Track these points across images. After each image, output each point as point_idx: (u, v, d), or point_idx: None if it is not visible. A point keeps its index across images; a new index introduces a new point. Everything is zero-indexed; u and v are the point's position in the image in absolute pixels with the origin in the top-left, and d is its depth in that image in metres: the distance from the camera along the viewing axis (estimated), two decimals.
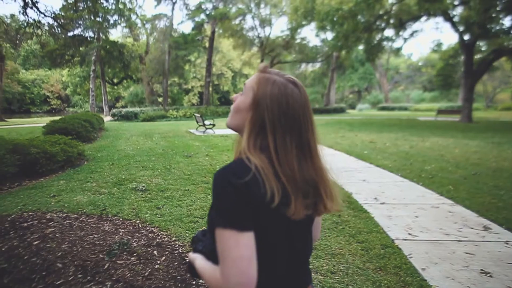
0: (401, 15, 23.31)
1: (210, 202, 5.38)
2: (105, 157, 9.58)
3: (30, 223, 4.30)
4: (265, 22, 35.67)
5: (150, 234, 4.17)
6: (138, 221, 4.59)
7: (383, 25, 24.68)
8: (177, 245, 3.92)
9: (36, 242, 3.71)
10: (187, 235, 4.18)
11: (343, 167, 8.40)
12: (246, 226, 0.93)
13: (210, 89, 39.48)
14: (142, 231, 4.26)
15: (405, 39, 31.14)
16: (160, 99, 39.15)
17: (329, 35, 33.04)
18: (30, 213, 4.73)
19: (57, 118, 15.75)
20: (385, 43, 28.40)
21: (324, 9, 19.11)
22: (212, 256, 1.05)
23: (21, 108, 52.40)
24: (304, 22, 30.77)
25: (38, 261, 3.35)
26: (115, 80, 44.52)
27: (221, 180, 0.95)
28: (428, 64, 57.03)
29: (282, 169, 0.98)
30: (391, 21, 24.38)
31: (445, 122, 23.01)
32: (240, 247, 0.91)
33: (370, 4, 17.10)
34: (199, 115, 16.36)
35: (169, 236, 4.13)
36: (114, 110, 29.21)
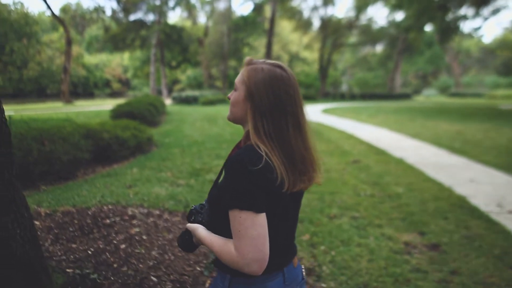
0: None
1: (303, 202, 4.68)
2: (174, 143, 9.23)
3: (113, 220, 3.84)
4: (328, 1, 33.95)
5: None
6: None
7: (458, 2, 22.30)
8: None
9: (123, 246, 3.21)
10: None
11: (436, 162, 7.35)
12: (261, 208, 1.02)
13: None
14: None
15: (485, 18, 28.04)
16: (217, 83, 39.03)
17: (399, 16, 30.74)
18: (110, 207, 4.29)
19: (120, 101, 15.86)
20: (461, 22, 25.79)
21: None
22: (210, 228, 1.19)
23: (85, 91, 54.92)
24: (372, 1, 28.72)
25: (129, 271, 2.83)
26: (173, 64, 45.07)
27: (239, 167, 1.01)
28: (503, 46, 51.84)
29: (283, 151, 1.07)
30: None
31: None
32: (257, 226, 1.00)
33: None
34: None
35: None
36: (174, 94, 29.42)
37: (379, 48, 44.31)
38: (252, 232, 0.99)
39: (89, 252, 3.06)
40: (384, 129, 12.50)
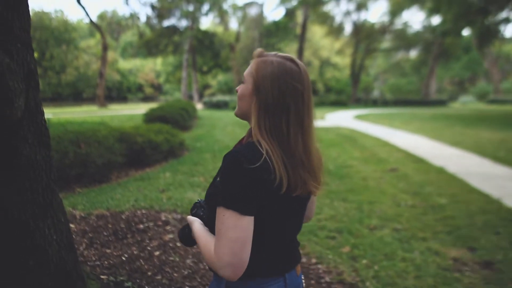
0: None
1: (338, 210, 4.50)
2: (205, 148, 9.21)
3: (146, 225, 3.78)
4: (361, 6, 33.42)
5: None
6: None
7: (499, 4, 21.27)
8: (320, 270, 3.08)
9: (157, 253, 3.13)
10: (329, 256, 3.32)
11: (481, 172, 6.94)
12: (248, 210, 0.96)
13: None
14: None
15: None
16: None
17: (435, 20, 29.80)
18: (144, 211, 4.26)
19: (152, 105, 16.08)
20: (502, 26, 24.65)
21: None
22: (210, 223, 1.10)
23: (119, 96, 56.49)
24: (408, 5, 27.93)
25: (163, 280, 2.74)
26: (205, 69, 45.70)
27: (233, 163, 0.97)
28: None
29: (285, 150, 1.01)
30: None
31: None
32: (238, 229, 0.94)
33: None
34: None
35: (307, 256, 3.30)
36: (205, 98, 29.72)
37: (413, 53, 43.09)
38: (232, 234, 0.95)
39: (123, 258, 3.00)
40: (421, 136, 12.03)
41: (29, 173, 1.75)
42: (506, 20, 24.00)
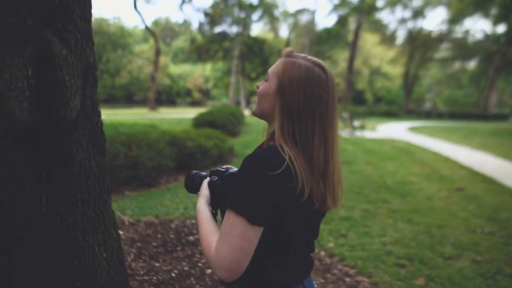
0: None
1: (404, 233, 4.03)
2: None
3: (196, 237, 3.54)
4: (418, 14, 32.01)
5: (347, 278, 3.00)
6: (323, 253, 3.47)
7: None
8: None
9: (209, 271, 2.87)
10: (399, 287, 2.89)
11: None
12: (260, 220, 0.93)
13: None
14: (334, 271, 3.12)
15: None
16: None
17: (499, 28, 27.87)
18: (193, 221, 4.04)
19: (200, 110, 16.14)
20: None
21: None
22: (220, 195, 1.15)
23: (168, 99, 58.11)
24: (471, 12, 26.29)
25: None
26: (253, 75, 45.91)
27: (253, 168, 0.93)
28: None
29: (307, 159, 0.98)
30: None
31: None
32: (245, 238, 0.92)
33: None
34: (347, 115, 14.91)
35: (375, 287, 2.90)
36: (252, 105, 29.71)
37: (471, 64, 40.61)
38: (237, 242, 0.92)
39: (173, 274, 2.76)
40: (485, 153, 11.06)
41: (81, 182, 1.54)
42: None
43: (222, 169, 1.22)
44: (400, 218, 4.66)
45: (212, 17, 24.54)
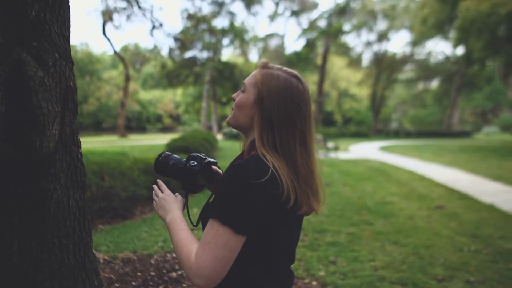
0: None
1: (393, 255, 3.93)
2: None
3: (179, 272, 3.29)
4: (382, 37, 33.34)
5: None
6: (315, 283, 3.30)
7: None
8: None
9: None
10: None
11: None
12: (245, 230, 0.93)
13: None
14: None
15: None
16: None
17: (459, 50, 29.37)
18: (174, 255, 3.77)
19: (171, 136, 15.83)
20: None
21: (470, 16, 16.37)
22: (196, 181, 1.16)
23: (138, 126, 57.13)
24: (432, 34, 27.62)
25: None
26: (224, 100, 46.02)
27: (239, 178, 0.93)
28: None
29: (289, 167, 0.99)
30: None
31: None
32: (227, 248, 0.92)
33: None
34: (321, 137, 15.01)
35: None
36: (224, 129, 29.61)
37: (434, 83, 42.47)
38: (220, 252, 0.92)
39: None
40: (457, 169, 11.34)
41: (59, 224, 1.33)
42: None
43: (202, 156, 1.20)
44: (386, 240, 4.57)
45: (183, 42, 24.53)
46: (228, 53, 47.29)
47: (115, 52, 28.44)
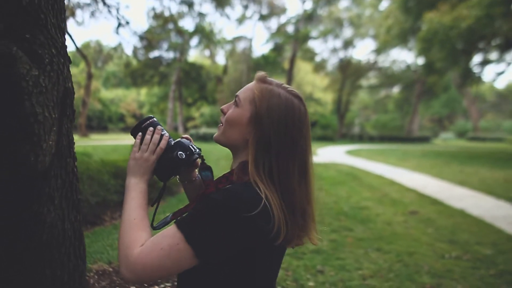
0: (510, 35, 20.38)
1: (379, 263, 3.88)
2: None
3: (162, 286, 3.05)
4: (348, 44, 34.14)
5: None
6: None
7: (483, 46, 21.91)
8: None
9: None
10: None
11: (506, 215, 6.49)
12: (207, 257, 0.85)
13: None
14: None
15: (509, 63, 27.67)
16: None
17: (419, 59, 30.59)
18: None
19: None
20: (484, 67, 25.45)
21: (433, 27, 17.08)
22: (175, 171, 1.05)
23: (99, 125, 55.18)
24: (395, 44, 28.63)
25: None
26: (190, 101, 45.37)
27: (229, 209, 0.82)
28: None
29: (284, 198, 0.89)
30: (496, 41, 21.60)
31: None
32: (178, 264, 0.83)
33: (494, 20, 14.74)
34: None
35: None
36: (191, 131, 29.15)
37: (395, 90, 44.05)
38: (167, 264, 0.82)
39: None
40: (424, 174, 11.68)
41: (52, 252, 1.10)
42: (488, 62, 24.75)
43: (193, 149, 1.07)
44: (369, 247, 4.54)
45: (149, 41, 23.88)
46: (194, 54, 46.76)
47: (77, 48, 27.25)
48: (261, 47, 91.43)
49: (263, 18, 31.93)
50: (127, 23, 15.41)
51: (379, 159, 16.45)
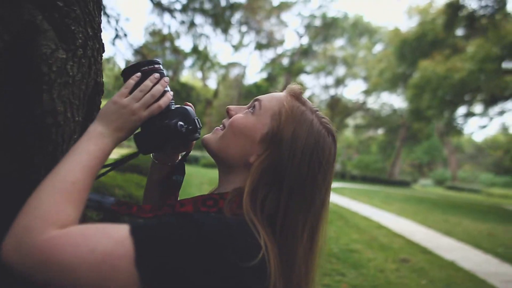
0: (495, 90, 21.14)
1: None
2: None
3: None
4: (339, 82, 34.92)
5: None
6: None
7: (468, 98, 22.66)
8: None
9: None
10: None
11: (497, 272, 6.36)
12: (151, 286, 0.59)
13: None
14: None
15: (491, 118, 28.65)
16: None
17: (404, 104, 31.43)
18: None
19: (122, 151, 14.81)
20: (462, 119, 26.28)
21: (427, 75, 17.60)
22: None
23: None
24: (386, 87, 29.44)
25: None
26: None
27: (215, 244, 0.58)
28: (494, 146, 53.12)
29: (284, 255, 0.67)
30: (481, 96, 22.39)
31: None
32: (104, 284, 0.55)
33: (488, 74, 15.30)
34: None
35: None
36: None
37: (380, 132, 44.94)
38: (89, 276, 0.55)
39: None
40: (408, 220, 11.56)
41: None
42: (472, 114, 25.54)
43: (197, 123, 0.87)
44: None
45: (144, 56, 23.72)
46: (186, 75, 46.90)
47: None
48: (254, 76, 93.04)
49: (259, 47, 32.43)
50: (125, 35, 15.17)
51: (363, 200, 16.33)
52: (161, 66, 0.80)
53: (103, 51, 0.87)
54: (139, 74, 0.74)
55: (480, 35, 16.26)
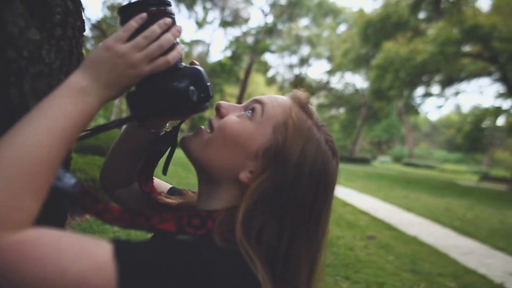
0: (453, 72, 22.06)
1: None
2: None
3: None
4: (304, 61, 35.01)
5: None
6: None
7: (426, 79, 23.52)
8: None
9: None
10: None
11: (455, 245, 6.71)
12: None
13: None
14: None
15: (447, 98, 29.90)
16: (184, 125, 38.10)
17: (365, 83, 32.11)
18: None
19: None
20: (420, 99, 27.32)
21: (390, 56, 17.96)
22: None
23: None
24: (349, 68, 29.86)
25: None
26: None
27: (208, 282, 0.49)
28: (448, 125, 56.06)
29: None
30: (439, 77, 23.28)
31: (497, 190, 20.99)
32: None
33: (448, 58, 15.80)
34: None
35: None
36: None
37: (342, 111, 45.94)
38: (59, 278, 0.43)
39: None
40: (372, 197, 11.95)
41: None
42: (430, 94, 26.54)
43: (210, 93, 0.68)
44: (337, 275, 4.34)
45: (102, 31, 22.57)
46: None
47: None
48: (219, 54, 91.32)
49: (224, 24, 31.70)
50: (83, 9, 14.31)
51: None
52: (172, 9, 0.63)
53: (84, 30, 0.70)
54: (144, 15, 0.57)
55: (441, 18, 16.79)
